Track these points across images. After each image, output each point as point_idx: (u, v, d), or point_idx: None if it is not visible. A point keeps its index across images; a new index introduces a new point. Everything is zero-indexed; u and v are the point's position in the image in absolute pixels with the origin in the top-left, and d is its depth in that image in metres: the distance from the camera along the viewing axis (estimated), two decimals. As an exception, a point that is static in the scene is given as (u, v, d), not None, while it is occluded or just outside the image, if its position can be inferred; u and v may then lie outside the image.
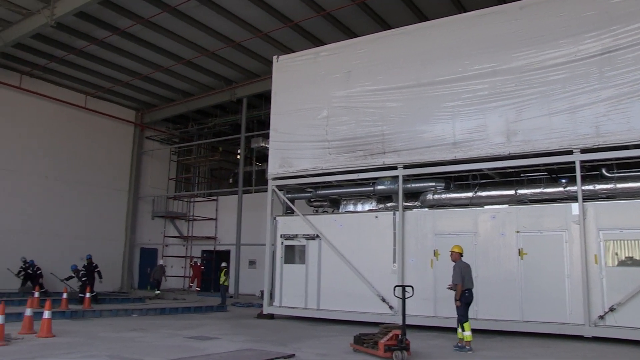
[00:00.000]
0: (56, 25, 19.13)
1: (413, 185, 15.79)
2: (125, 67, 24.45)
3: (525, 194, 14.19)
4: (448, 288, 11.24)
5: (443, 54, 15.14)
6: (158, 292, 24.93)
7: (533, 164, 13.88)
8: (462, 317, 10.71)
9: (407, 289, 10.41)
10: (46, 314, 11.88)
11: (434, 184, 15.52)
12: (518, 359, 10.11)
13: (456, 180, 15.99)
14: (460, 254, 11.26)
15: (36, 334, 11.69)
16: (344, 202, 17.79)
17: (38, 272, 22.62)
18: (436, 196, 15.37)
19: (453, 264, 11.20)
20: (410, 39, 15.96)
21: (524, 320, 12.99)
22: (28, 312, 12.30)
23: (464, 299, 10.85)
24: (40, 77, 25.21)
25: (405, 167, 15.33)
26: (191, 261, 29.78)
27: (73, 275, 21.28)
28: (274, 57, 18.84)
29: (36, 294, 17.74)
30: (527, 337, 12.62)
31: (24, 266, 22.57)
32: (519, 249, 13.38)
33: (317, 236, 16.73)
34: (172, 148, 32.07)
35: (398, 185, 15.49)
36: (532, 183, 14.92)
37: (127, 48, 22.52)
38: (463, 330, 10.63)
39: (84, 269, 20.62)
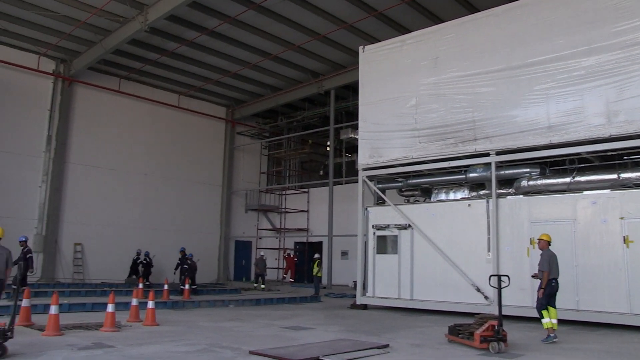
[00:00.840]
0: (149, 30, 20.06)
1: (506, 171, 15.28)
2: (215, 66, 25.21)
3: (630, 177, 13.35)
4: (533, 277, 10.97)
5: (534, 34, 14.49)
6: (263, 286, 24.88)
7: (637, 146, 13.01)
8: (542, 305, 10.45)
9: (502, 278, 10.09)
10: (150, 304, 12.49)
11: (528, 170, 14.94)
12: (630, 355, 9.52)
13: (552, 166, 15.27)
14: (548, 242, 10.93)
15: (142, 322, 12.31)
16: (436, 191, 17.49)
17: (145, 261, 23.73)
18: (531, 182, 14.79)
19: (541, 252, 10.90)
20: (498, 20, 15.40)
21: (633, 313, 12.23)
22: (134, 302, 12.99)
23: (550, 288, 10.53)
24: (136, 80, 26.54)
25: (498, 153, 14.84)
26: (284, 253, 30.37)
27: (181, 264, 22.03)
28: (360, 48, 18.76)
29: (140, 285, 18.68)
30: (636, 331, 11.91)
31: (137, 257, 23.89)
32: (624, 237, 12.60)
33: (409, 226, 16.57)
34: (262, 142, 32.78)
35: (491, 172, 15.03)
36: (637, 166, 14.00)
37: (216, 47, 23.20)
38: (542, 317, 10.40)
39: (179, 261, 21.44)
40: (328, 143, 29.74)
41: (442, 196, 17.16)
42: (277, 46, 23.05)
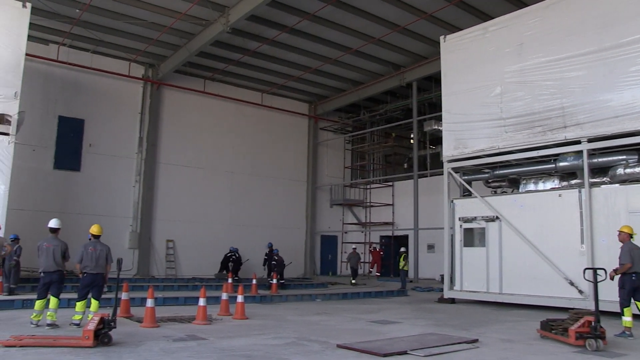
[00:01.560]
0: (231, 31, 20.56)
1: (600, 159, 14.52)
2: (296, 63, 25.51)
3: None
4: (613, 272, 10.32)
5: (627, 12, 13.67)
6: (353, 281, 24.64)
7: None
8: (625, 302, 10.03)
9: (599, 272, 9.64)
10: (239, 298, 12.85)
11: (624, 157, 14.10)
12: None
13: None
14: (630, 235, 10.44)
15: (232, 316, 12.69)
16: (524, 182, 16.92)
17: (233, 257, 24.37)
18: (628, 170, 13.96)
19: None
20: (586, 0, 14.67)
21: None
22: (224, 296, 13.41)
23: (630, 282, 10.04)
24: (220, 80, 27.29)
25: (590, 140, 14.15)
26: (370, 247, 30.36)
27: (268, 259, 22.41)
28: (441, 38, 18.43)
29: (229, 280, 19.23)
30: None
31: (228, 254, 24.62)
32: None
33: (497, 218, 16.15)
34: (345, 137, 32.87)
35: (582, 160, 14.35)
36: None
37: (296, 44, 23.47)
38: (624, 315, 9.98)
39: (266, 257, 21.86)
40: (412, 136, 29.42)
41: (531, 186, 16.58)
42: (357, 40, 23.01)
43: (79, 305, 10.42)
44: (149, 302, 10.87)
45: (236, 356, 8.09)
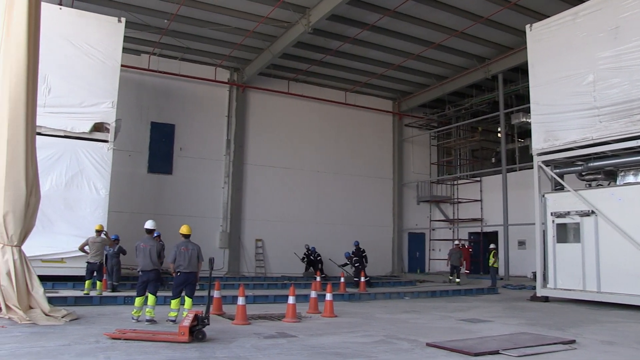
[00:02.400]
0: (313, 32, 20.75)
1: None
2: (379, 60, 25.38)
3: None
4: None
5: None
6: (458, 280, 23.44)
7: None
8: None
9: None
10: (328, 297, 12.97)
11: None
12: None
13: None
14: None
15: (321, 314, 12.83)
16: (622, 174, 16.04)
17: (318, 257, 24.72)
18: None
19: None
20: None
21: None
22: (313, 294, 13.57)
23: None
24: (304, 81, 27.63)
25: (696, 127, 13.24)
26: (459, 244, 29.72)
27: (347, 262, 22.61)
28: (527, 26, 17.81)
29: (318, 279, 19.43)
30: None
31: (306, 253, 25.02)
32: None
33: (592, 212, 15.42)
34: (431, 133, 32.36)
35: (688, 149, 13.46)
36: None
37: (378, 41, 23.35)
38: None
39: (354, 255, 21.92)
40: (499, 129, 28.54)
41: (630, 179, 15.69)
42: (439, 34, 22.60)
43: (174, 302, 10.93)
44: (240, 300, 11.19)
45: (326, 354, 8.17)
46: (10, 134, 10.98)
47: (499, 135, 28.60)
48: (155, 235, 16.28)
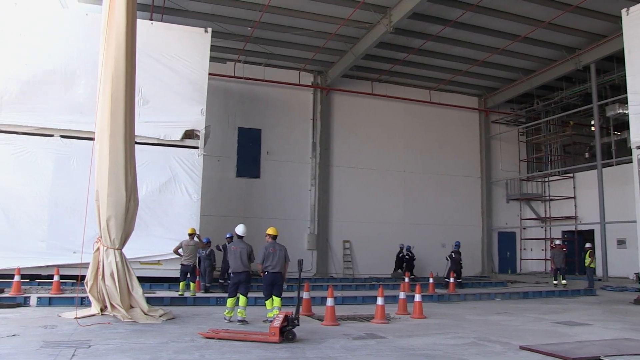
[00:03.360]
0: (394, 31, 20.63)
1: None
2: (463, 56, 24.86)
3: None
4: None
5: None
6: (564, 282, 21.62)
7: None
8: None
9: None
10: (417, 298, 12.85)
11: None
12: None
13: None
14: None
15: (410, 315, 12.72)
16: None
17: (407, 257, 24.48)
18: None
19: None
20: None
21: None
22: (401, 295, 13.51)
23: None
24: (387, 81, 27.50)
25: None
26: (551, 243, 28.54)
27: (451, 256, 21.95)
28: (623, 11, 16.90)
29: (406, 279, 19.26)
30: None
31: (400, 252, 24.82)
32: None
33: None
34: (519, 129, 31.30)
35: None
36: None
37: (461, 37, 22.87)
38: None
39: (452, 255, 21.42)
40: (592, 122, 27.22)
41: None
42: (525, 26, 21.81)
43: (268, 303, 11.27)
44: (329, 301, 11.29)
45: (416, 355, 8.10)
46: (112, 144, 11.72)
47: (593, 128, 27.28)
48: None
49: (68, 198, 16.37)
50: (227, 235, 17.24)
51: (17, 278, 14.33)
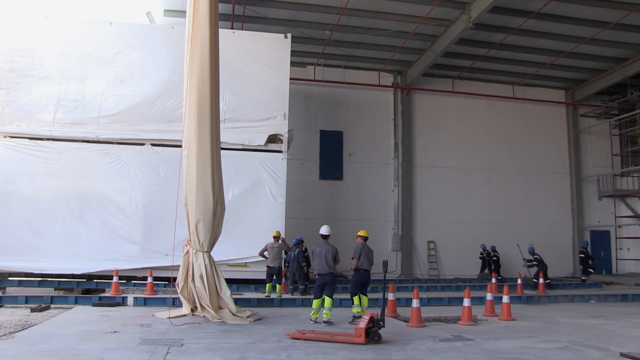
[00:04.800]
0: (474, 26, 20.13)
1: None
2: (547, 49, 23.89)
3: None
4: None
5: None
6: None
7: None
8: None
9: None
10: (505, 299, 12.51)
11: None
12: None
13: None
14: None
15: (498, 317, 12.40)
16: None
17: (494, 258, 23.88)
18: None
19: None
20: None
21: None
22: (489, 296, 13.20)
23: None
24: (468, 78, 26.91)
25: None
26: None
27: (532, 260, 21.25)
28: None
29: (493, 280, 18.75)
30: None
31: (483, 252, 24.30)
32: None
33: None
34: (611, 122, 29.71)
35: None
36: None
37: (545, 29, 21.98)
38: None
39: (535, 261, 20.68)
40: (694, 111, 25.48)
41: None
42: (616, 12, 20.60)
43: (355, 299, 11.51)
44: (415, 303, 11.20)
45: (504, 359, 7.88)
46: (199, 151, 12.19)
47: (695, 118, 25.53)
48: (295, 241, 17.18)
49: (159, 203, 17.24)
50: (295, 241, 17.47)
51: (115, 279, 15.33)
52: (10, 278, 16.91)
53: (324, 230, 12.09)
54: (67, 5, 22.60)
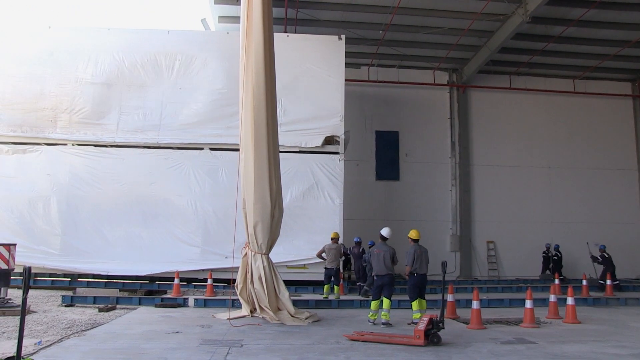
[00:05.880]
0: (531, 20, 19.60)
1: None
2: (610, 39, 22.92)
3: None
4: None
5: None
6: None
7: None
8: None
9: None
10: (569, 301, 12.13)
11: None
12: None
13: None
14: None
15: (562, 320, 12.04)
16: None
17: (554, 257, 23.22)
18: None
19: None
20: None
21: None
22: (552, 298, 12.83)
23: None
24: (526, 74, 26.21)
25: None
26: None
27: (598, 258, 20.52)
28: None
29: (556, 281, 18.20)
30: None
31: (546, 252, 23.65)
32: None
33: None
34: (684, 115, 28.32)
35: None
36: None
37: (608, 18, 21.12)
38: None
39: (601, 258, 19.95)
40: None
41: None
42: (686, -1, 19.65)
43: (415, 304, 11.27)
44: (475, 304, 11.02)
45: (571, 364, 7.64)
46: (256, 154, 12.37)
47: None
48: (356, 241, 17.20)
49: (218, 206, 17.64)
50: (356, 240, 17.51)
51: (176, 281, 15.80)
52: (79, 279, 17.60)
53: (384, 232, 12.07)
54: (127, 15, 23.38)
